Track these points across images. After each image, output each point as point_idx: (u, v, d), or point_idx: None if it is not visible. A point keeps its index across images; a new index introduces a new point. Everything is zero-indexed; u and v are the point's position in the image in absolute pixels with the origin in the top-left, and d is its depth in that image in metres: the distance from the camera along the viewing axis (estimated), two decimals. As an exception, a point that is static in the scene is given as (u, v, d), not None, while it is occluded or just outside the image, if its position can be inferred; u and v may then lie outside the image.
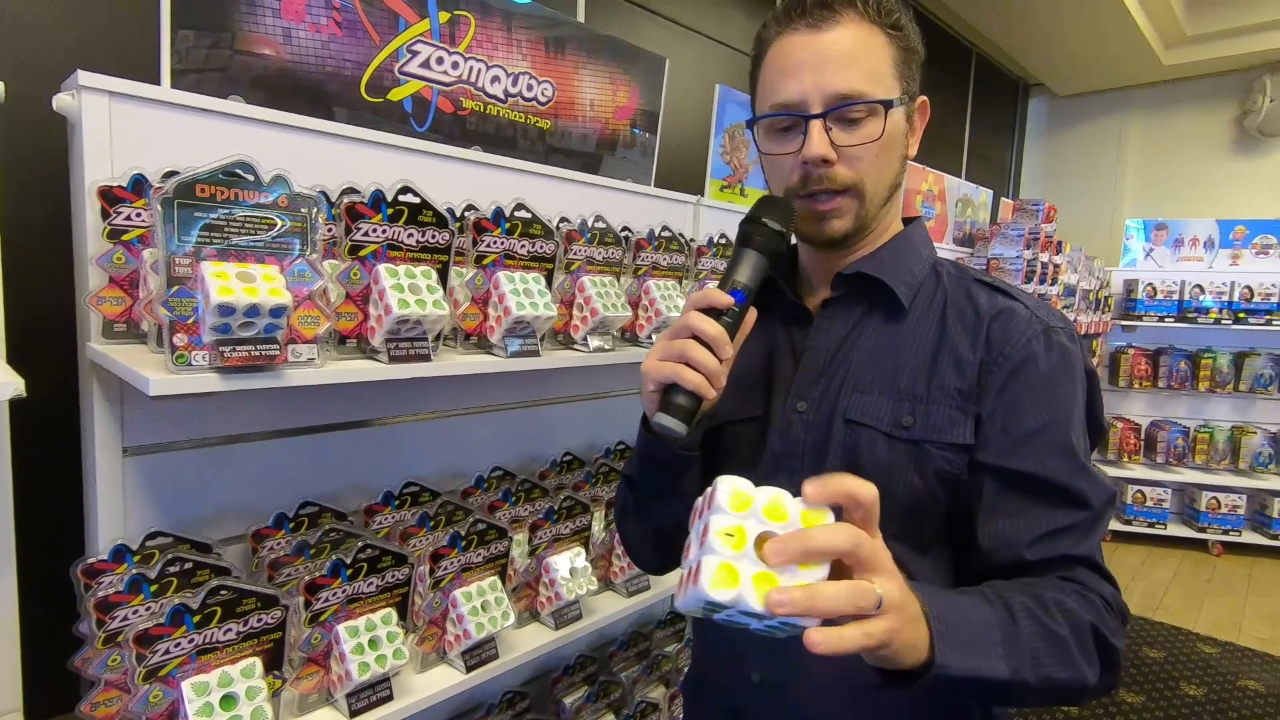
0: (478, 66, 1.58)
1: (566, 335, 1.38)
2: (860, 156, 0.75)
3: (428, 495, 1.40)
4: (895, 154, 0.78)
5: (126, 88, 1.03)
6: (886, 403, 0.76)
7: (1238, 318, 4.32)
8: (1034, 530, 0.71)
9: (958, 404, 0.75)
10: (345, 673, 1.07)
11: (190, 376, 0.85)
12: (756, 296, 0.86)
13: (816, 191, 0.76)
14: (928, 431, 0.74)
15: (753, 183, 2.47)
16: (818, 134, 0.73)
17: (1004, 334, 0.75)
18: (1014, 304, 0.77)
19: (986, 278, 0.82)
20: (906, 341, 0.78)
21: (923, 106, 0.82)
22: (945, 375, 0.76)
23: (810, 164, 0.75)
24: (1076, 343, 0.77)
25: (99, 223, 0.98)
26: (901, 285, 0.80)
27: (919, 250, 0.84)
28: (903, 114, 0.78)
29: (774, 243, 0.73)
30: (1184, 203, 5.28)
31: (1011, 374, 0.74)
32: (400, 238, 1.07)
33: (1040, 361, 0.74)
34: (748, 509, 0.50)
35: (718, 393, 0.70)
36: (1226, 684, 2.89)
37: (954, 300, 0.80)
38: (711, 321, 0.69)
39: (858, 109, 0.73)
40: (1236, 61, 4.79)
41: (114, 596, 0.96)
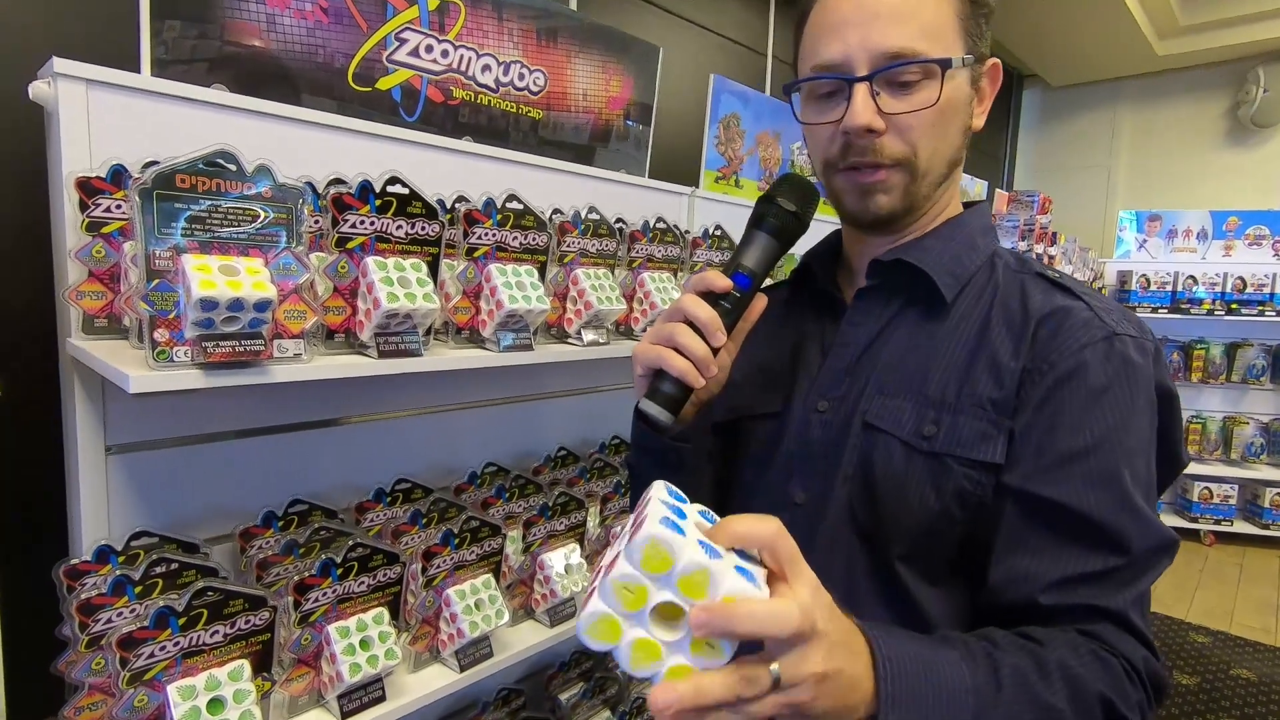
0: (468, 55, 1.54)
1: (560, 329, 1.36)
2: (912, 125, 0.65)
3: (420, 492, 1.38)
4: (955, 124, 0.68)
5: (104, 75, 0.99)
6: (911, 408, 0.68)
7: (1230, 308, 4.33)
8: (1056, 571, 0.60)
9: (990, 416, 0.65)
10: (336, 674, 1.05)
11: (172, 373, 0.83)
12: (793, 282, 0.83)
13: (860, 164, 0.68)
14: (950, 444, 0.65)
15: (747, 174, 2.45)
16: (862, 99, 0.64)
17: (1053, 338, 0.64)
18: (1074, 304, 0.66)
19: (1051, 272, 0.71)
20: (943, 341, 0.69)
21: (993, 70, 0.71)
22: (979, 382, 0.66)
23: (852, 134, 0.66)
24: (1149, 356, 0.65)
25: (77, 215, 0.95)
26: (946, 277, 0.70)
27: (974, 239, 0.73)
28: (966, 77, 0.67)
29: (787, 224, 0.68)
30: (1177, 194, 5.29)
31: (1056, 385, 0.63)
32: (389, 229, 1.04)
33: (1093, 372, 0.62)
34: (663, 571, 0.41)
35: (709, 380, 0.66)
36: (1219, 673, 2.91)
37: (1004, 296, 0.70)
38: (705, 305, 0.65)
39: (910, 70, 0.64)
40: (1230, 52, 4.79)
41: (97, 599, 0.94)
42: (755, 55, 2.87)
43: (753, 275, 0.67)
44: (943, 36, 0.65)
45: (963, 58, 0.66)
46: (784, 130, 2.58)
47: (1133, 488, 0.60)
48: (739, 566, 0.43)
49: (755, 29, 2.86)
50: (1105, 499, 0.60)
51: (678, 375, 0.64)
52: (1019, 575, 0.61)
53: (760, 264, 0.68)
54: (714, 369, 0.66)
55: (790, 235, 0.69)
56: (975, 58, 0.68)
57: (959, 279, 0.71)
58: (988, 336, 0.67)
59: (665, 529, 0.41)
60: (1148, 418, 0.64)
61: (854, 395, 0.71)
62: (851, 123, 0.65)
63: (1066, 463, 0.61)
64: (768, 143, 2.52)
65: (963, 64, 0.66)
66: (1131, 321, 0.67)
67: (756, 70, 2.88)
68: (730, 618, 0.40)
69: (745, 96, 2.38)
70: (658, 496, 0.46)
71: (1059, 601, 0.59)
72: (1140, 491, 0.61)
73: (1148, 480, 0.63)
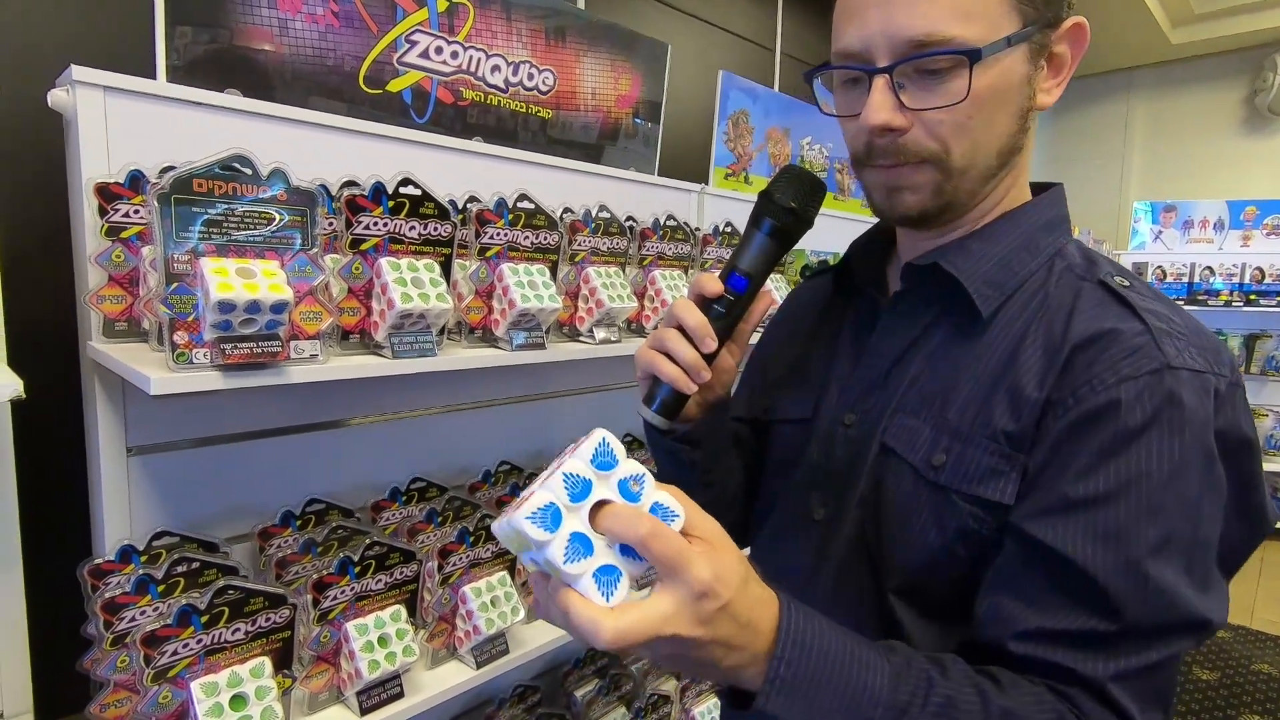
0: (477, 56, 1.55)
1: (572, 327, 1.37)
2: (943, 120, 0.58)
3: (435, 491, 1.39)
4: (1005, 111, 0.59)
5: (121, 82, 1.01)
6: (928, 432, 0.62)
7: (1249, 300, 4.27)
8: (1034, 620, 0.53)
9: (1002, 450, 0.58)
10: (355, 670, 1.06)
11: (192, 375, 0.84)
12: (836, 276, 0.79)
13: (882, 165, 0.62)
14: (956, 478, 0.59)
15: (757, 170, 2.44)
16: (879, 96, 0.58)
17: (1088, 367, 0.55)
18: (1127, 325, 0.56)
19: (1118, 279, 0.61)
20: (974, 359, 0.62)
21: (1074, 32, 0.60)
22: (995, 411, 0.59)
23: (870, 133, 0.60)
24: (1210, 397, 0.54)
25: (97, 220, 0.97)
26: (985, 287, 0.62)
27: (1034, 238, 0.64)
28: (1022, 54, 0.58)
29: (785, 223, 0.65)
30: (1193, 184, 5.22)
31: (1078, 423, 0.55)
32: (402, 231, 1.05)
33: (1125, 412, 0.53)
34: (526, 549, 0.45)
35: (705, 384, 0.66)
36: (1240, 668, 2.88)
37: (1052, 310, 0.60)
38: (694, 311, 0.64)
39: (939, 60, 0.55)
40: (1246, 39, 4.72)
41: (121, 597, 0.95)
42: (764, 51, 2.86)
43: (749, 277, 0.65)
44: (984, 12, 0.55)
45: (1009, 37, 0.56)
46: (793, 125, 2.57)
47: (1151, 551, 0.52)
48: (603, 567, 0.44)
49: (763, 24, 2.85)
50: (1106, 556, 0.52)
51: (668, 381, 0.65)
52: (999, 615, 0.56)
53: (757, 265, 0.65)
54: (705, 374, 0.65)
55: (790, 234, 0.66)
56: (1038, 26, 0.58)
57: (1000, 288, 0.63)
58: (1019, 358, 0.59)
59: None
60: (1197, 471, 0.53)
61: (878, 411, 0.66)
62: (867, 121, 0.59)
63: (1071, 509, 0.54)
64: (777, 138, 2.51)
65: (1008, 44, 0.56)
66: (1204, 351, 0.56)
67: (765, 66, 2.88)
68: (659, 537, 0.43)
69: (754, 92, 2.38)
70: (581, 455, 0.46)
71: (1030, 653, 0.53)
72: (1167, 557, 0.52)
73: (1188, 545, 0.53)
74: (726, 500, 0.81)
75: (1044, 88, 0.62)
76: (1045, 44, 0.60)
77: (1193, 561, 0.53)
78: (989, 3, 0.56)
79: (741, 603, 0.45)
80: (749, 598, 0.46)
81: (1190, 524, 0.53)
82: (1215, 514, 0.55)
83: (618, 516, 0.43)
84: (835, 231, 2.30)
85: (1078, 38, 0.61)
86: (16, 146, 1.08)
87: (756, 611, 0.47)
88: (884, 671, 0.50)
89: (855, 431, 0.68)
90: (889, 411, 0.65)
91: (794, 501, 0.73)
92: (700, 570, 0.43)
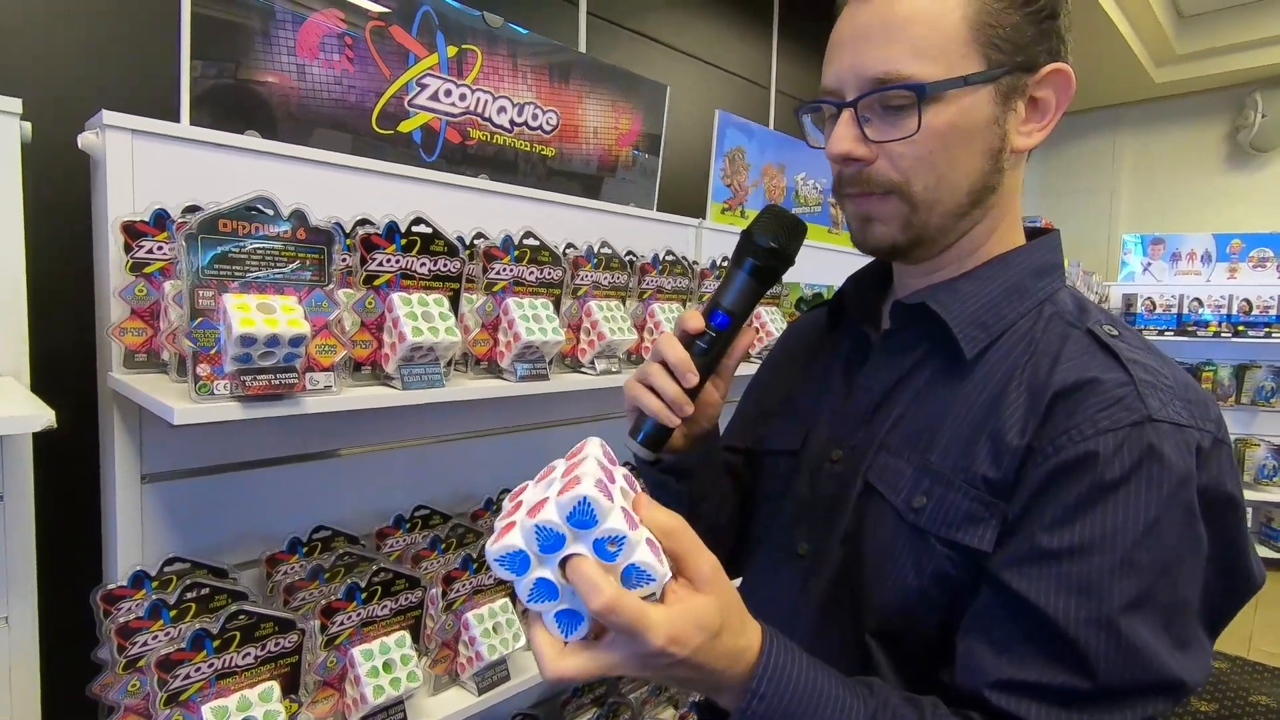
0: (485, 98, 1.62)
1: (574, 359, 1.41)
2: (904, 153, 0.60)
3: (438, 518, 1.42)
4: (968, 148, 0.60)
5: (148, 125, 1.06)
6: (910, 472, 0.62)
7: (1237, 330, 4.34)
8: (1008, 671, 0.53)
9: (982, 497, 0.58)
10: (360, 696, 1.08)
11: (213, 405, 0.88)
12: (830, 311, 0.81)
13: (852, 193, 0.65)
14: (935, 521, 0.59)
15: (753, 204, 2.51)
16: (842, 128, 0.62)
17: (1068, 416, 0.55)
18: (1110, 375, 0.56)
19: (1107, 329, 0.61)
20: (959, 401, 0.62)
21: (1056, 78, 0.61)
22: (977, 457, 0.59)
23: (834, 161, 0.64)
24: (1191, 452, 0.53)
25: (121, 256, 1.01)
26: (972, 328, 0.63)
27: (1023, 282, 0.65)
28: (988, 95, 0.59)
29: (765, 262, 0.67)
30: (1180, 217, 5.33)
31: (1055, 474, 0.54)
32: (413, 267, 1.10)
33: (1102, 464, 0.53)
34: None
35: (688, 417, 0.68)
36: (1237, 699, 2.87)
37: (1039, 355, 0.60)
38: (676, 347, 0.66)
39: (898, 94, 0.59)
40: (1227, 78, 4.86)
41: (134, 622, 0.98)
42: (759, 89, 2.95)
43: (731, 314, 0.67)
44: (941, 55, 0.58)
45: (965, 77, 0.58)
46: (788, 162, 2.65)
47: (1124, 607, 0.51)
48: (565, 612, 0.47)
49: (759, 64, 2.94)
50: (1079, 611, 0.51)
51: (651, 415, 0.67)
52: (973, 661, 0.55)
53: (738, 303, 0.67)
54: (688, 408, 0.66)
55: (771, 272, 0.68)
56: (1009, 69, 0.59)
57: (988, 330, 0.63)
58: (1002, 403, 0.59)
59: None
60: (1176, 527, 0.52)
61: (864, 448, 0.67)
62: (830, 150, 0.63)
63: (1044, 559, 0.53)
64: (772, 174, 2.58)
65: (964, 84, 0.58)
66: (1189, 405, 0.55)
67: (760, 104, 2.96)
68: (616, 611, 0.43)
69: (750, 130, 2.45)
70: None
71: (1003, 705, 0.53)
72: (1142, 615, 0.51)
73: (1165, 603, 0.52)
74: (719, 531, 0.82)
75: (1022, 130, 0.63)
76: (1019, 87, 0.61)
77: (1170, 620, 0.52)
78: (948, 46, 0.58)
79: (706, 653, 0.46)
80: (717, 649, 0.47)
81: (1167, 581, 0.52)
82: (1195, 572, 0.54)
83: (581, 580, 0.43)
84: (829, 265, 2.35)
85: (1061, 84, 0.62)
86: (45, 185, 1.12)
87: (726, 659, 0.48)
88: (860, 714, 0.51)
89: (841, 468, 0.69)
90: (873, 449, 0.66)
91: (780, 536, 0.74)
92: (655, 637, 0.44)
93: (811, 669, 0.51)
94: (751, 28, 2.91)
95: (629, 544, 0.45)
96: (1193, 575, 0.53)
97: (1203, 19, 4.56)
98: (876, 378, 0.69)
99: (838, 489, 0.68)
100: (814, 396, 0.77)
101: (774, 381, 0.88)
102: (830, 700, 0.50)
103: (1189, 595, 0.53)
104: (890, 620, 0.62)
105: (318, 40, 1.35)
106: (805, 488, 0.72)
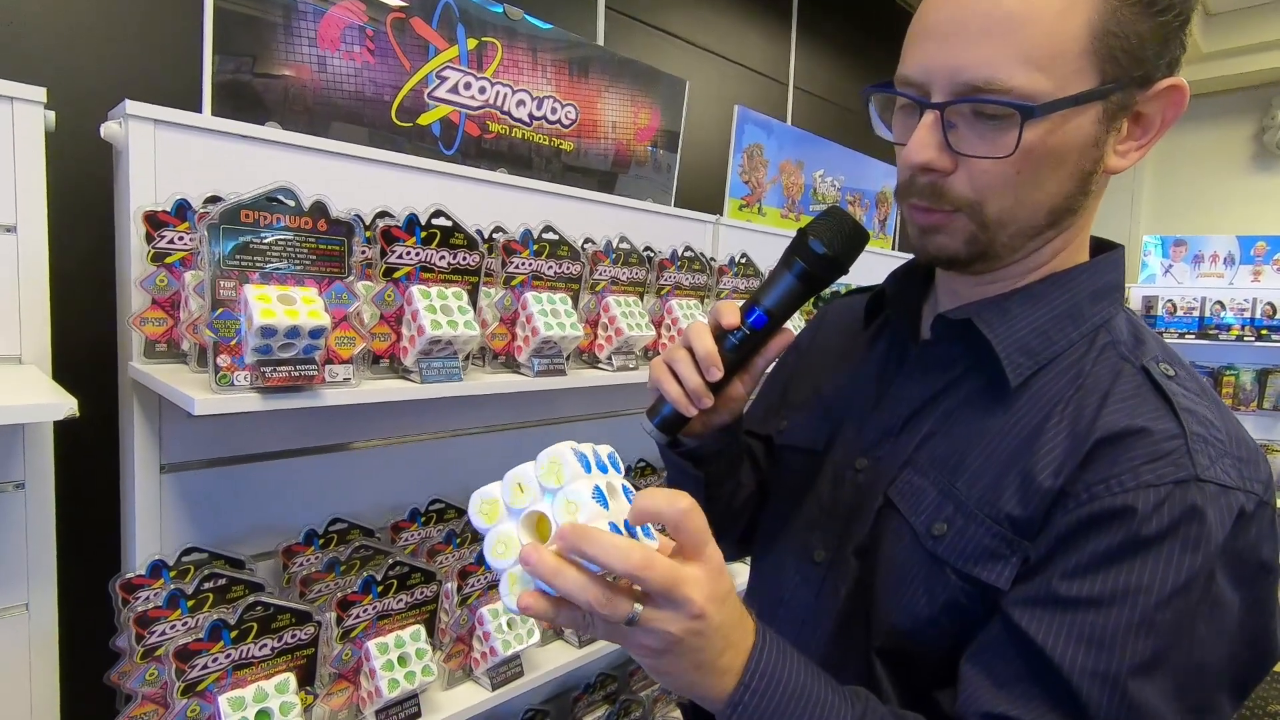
0: (504, 91, 1.61)
1: (591, 354, 1.40)
2: (987, 170, 0.54)
3: (454, 512, 1.41)
4: (1059, 171, 0.55)
5: (171, 115, 1.06)
6: (934, 495, 0.59)
7: (1260, 334, 4.27)
8: (1000, 704, 0.51)
9: (1005, 535, 0.55)
10: (375, 689, 1.08)
11: (233, 396, 0.88)
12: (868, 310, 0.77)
13: (917, 205, 0.59)
14: (953, 552, 0.57)
15: (771, 201, 2.49)
16: (924, 133, 0.54)
17: (1110, 465, 0.52)
18: (1160, 426, 0.52)
19: (1163, 367, 0.56)
20: (993, 430, 0.58)
21: (1170, 95, 0.54)
22: (1005, 492, 0.55)
23: (912, 169, 0.57)
24: (1233, 517, 0.50)
25: (143, 246, 1.01)
26: (1018, 354, 0.58)
27: (1079, 305, 0.59)
28: (1094, 115, 0.53)
29: (816, 270, 0.63)
30: (1203, 219, 5.25)
31: (1086, 524, 0.51)
32: (433, 260, 1.09)
33: (1141, 520, 0.49)
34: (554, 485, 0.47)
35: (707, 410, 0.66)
36: (1256, 709, 2.83)
37: (1088, 389, 0.56)
38: (706, 338, 0.64)
39: (994, 107, 0.51)
40: (1254, 78, 4.78)
41: (153, 611, 0.98)
42: (778, 85, 2.92)
43: (770, 315, 0.65)
44: (1054, 65, 0.50)
45: (1077, 95, 0.51)
46: (806, 159, 2.63)
47: (1137, 669, 0.48)
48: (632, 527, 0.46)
49: (777, 60, 2.92)
50: (1086, 661, 0.49)
51: (670, 401, 0.65)
52: (970, 689, 0.54)
53: (780, 305, 0.65)
54: (707, 401, 0.64)
55: (819, 280, 0.64)
56: (1121, 85, 0.52)
57: (1037, 358, 0.58)
58: (1040, 439, 0.55)
59: (573, 457, 0.46)
60: (1203, 592, 0.49)
61: (890, 461, 0.64)
62: (907, 158, 0.56)
63: (1059, 605, 0.51)
64: (790, 171, 2.56)
65: (1074, 103, 0.51)
66: (1240, 463, 0.51)
67: (779, 100, 2.94)
68: (585, 539, 0.42)
69: (769, 126, 2.44)
70: (603, 451, 0.50)
71: None
72: (1155, 679, 0.48)
73: (1181, 668, 0.49)
74: (733, 512, 0.81)
75: (1119, 149, 0.56)
76: (1129, 104, 0.54)
77: (1183, 686, 0.49)
78: (1063, 56, 0.50)
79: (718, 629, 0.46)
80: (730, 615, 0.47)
81: (1187, 646, 0.49)
82: (1219, 638, 0.50)
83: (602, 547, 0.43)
84: (847, 263, 2.33)
85: (1174, 100, 0.55)
86: (68, 174, 1.13)
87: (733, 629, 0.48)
88: (848, 718, 0.50)
89: (864, 478, 0.66)
90: (899, 465, 0.63)
91: (797, 538, 0.73)
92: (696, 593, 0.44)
93: (803, 669, 0.50)
94: (770, 23, 2.88)
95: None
96: (1216, 642, 0.50)
97: (1230, 17, 4.48)
98: (911, 389, 0.66)
99: (858, 499, 0.66)
100: (843, 397, 0.74)
101: (802, 370, 0.84)
102: (819, 703, 0.49)
103: (1210, 662, 0.50)
104: (898, 641, 0.60)
105: (338, 32, 1.34)
106: (826, 492, 0.70)
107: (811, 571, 0.70)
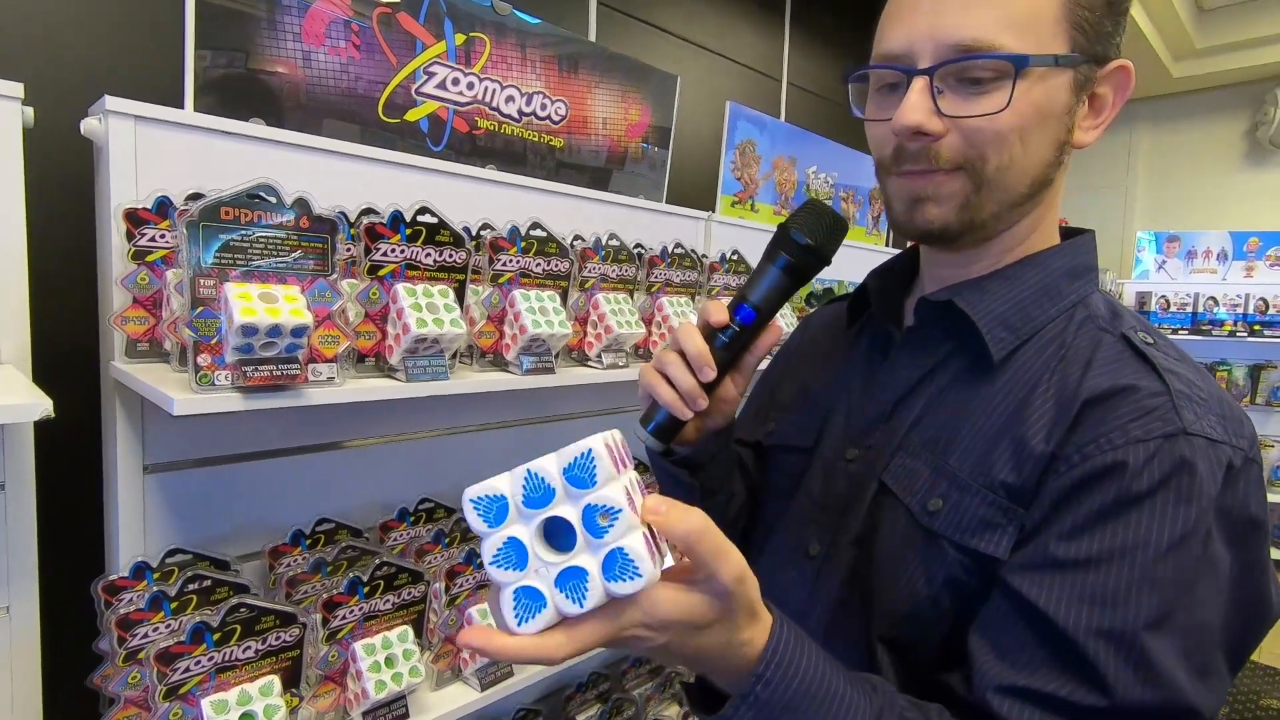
0: (493, 87, 1.60)
1: (581, 352, 1.39)
2: (981, 128, 0.55)
3: (443, 512, 1.40)
4: (1043, 134, 0.57)
5: (152, 111, 1.05)
6: (927, 474, 0.60)
7: (1253, 330, 4.28)
8: (1011, 676, 0.51)
9: (1000, 503, 0.55)
10: (362, 691, 1.07)
11: (214, 396, 0.86)
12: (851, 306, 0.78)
13: (911, 169, 0.59)
14: (949, 526, 0.57)
15: (763, 198, 2.48)
16: (915, 97, 0.55)
17: (1099, 424, 0.53)
18: (1144, 383, 0.53)
19: (1141, 335, 0.58)
20: (982, 404, 0.60)
21: (1120, 76, 0.59)
22: (997, 462, 0.56)
23: (901, 135, 0.57)
24: (1222, 470, 0.51)
25: (124, 244, 1.00)
26: (1000, 330, 0.60)
27: (1057, 284, 0.62)
28: (1067, 81, 0.56)
29: (800, 260, 0.64)
30: (1196, 215, 5.26)
31: (1080, 484, 0.52)
32: (418, 257, 1.08)
33: (1133, 475, 0.50)
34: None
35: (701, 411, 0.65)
36: (1249, 703, 2.84)
37: (1069, 360, 0.58)
38: (695, 338, 0.63)
39: (981, 66, 0.54)
40: (1247, 74, 4.78)
41: (135, 614, 0.97)
42: (770, 81, 2.91)
43: (758, 310, 0.64)
44: (1035, 28, 0.54)
45: (1057, 56, 0.55)
46: (799, 155, 2.62)
47: (1147, 625, 0.48)
48: (528, 590, 0.41)
49: (770, 55, 2.91)
50: (1093, 622, 0.49)
51: (664, 406, 0.64)
52: (979, 666, 0.53)
53: (767, 299, 0.65)
54: (702, 402, 0.64)
55: (803, 271, 0.65)
56: (1087, 58, 0.57)
57: (1016, 333, 0.60)
58: (1028, 409, 0.57)
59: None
60: (1204, 548, 0.50)
61: (881, 448, 0.65)
62: (899, 121, 0.56)
63: (1058, 567, 0.51)
64: (783, 167, 2.56)
65: (1055, 63, 0.54)
66: (1224, 420, 0.53)
67: (772, 96, 2.93)
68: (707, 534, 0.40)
69: (761, 122, 2.43)
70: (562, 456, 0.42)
71: (1008, 714, 0.50)
72: (1163, 635, 0.48)
73: (1186, 625, 0.49)
74: (726, 523, 0.80)
75: (1083, 125, 0.60)
76: (1090, 79, 0.58)
77: (1189, 644, 0.49)
78: (1041, 19, 0.54)
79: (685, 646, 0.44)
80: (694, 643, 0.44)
81: (1189, 602, 0.49)
82: (1217, 596, 0.51)
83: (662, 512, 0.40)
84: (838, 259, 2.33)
85: (1122, 82, 0.60)
86: (47, 171, 1.11)
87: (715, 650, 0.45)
88: (865, 713, 0.48)
89: (857, 467, 0.67)
90: (892, 450, 0.63)
91: (791, 534, 0.73)
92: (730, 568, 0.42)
93: (821, 659, 0.49)
94: (763, 19, 2.87)
95: (623, 522, 0.39)
96: (1215, 599, 0.51)
97: (1224, 12, 4.48)
98: (897, 375, 0.67)
99: (852, 489, 0.66)
100: (830, 392, 0.75)
101: (788, 374, 0.85)
102: (836, 696, 0.48)
103: (1210, 620, 0.50)
104: (900, 625, 0.60)
105: (324, 27, 1.33)
106: (818, 486, 0.70)
107: (806, 566, 0.70)
